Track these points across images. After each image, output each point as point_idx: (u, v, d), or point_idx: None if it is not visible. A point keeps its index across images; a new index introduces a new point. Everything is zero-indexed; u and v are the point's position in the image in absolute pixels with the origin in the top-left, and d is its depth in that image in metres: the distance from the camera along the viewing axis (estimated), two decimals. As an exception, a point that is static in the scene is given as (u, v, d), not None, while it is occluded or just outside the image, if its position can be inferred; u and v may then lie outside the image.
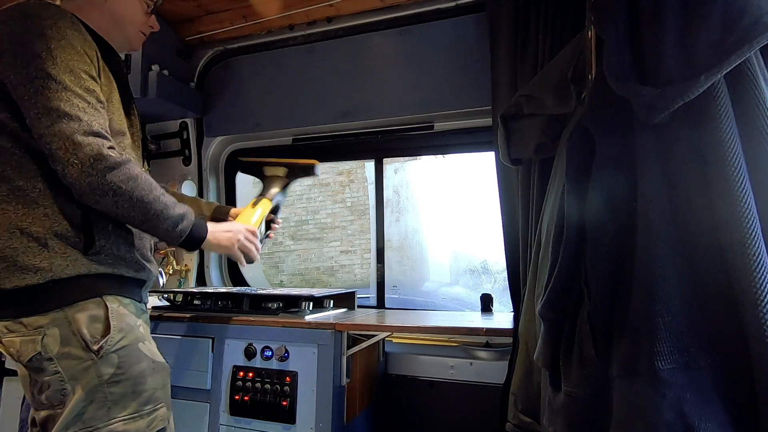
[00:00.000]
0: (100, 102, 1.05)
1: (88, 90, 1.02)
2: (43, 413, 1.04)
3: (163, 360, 1.16)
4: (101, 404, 1.02)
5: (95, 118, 1.01)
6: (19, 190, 1.02)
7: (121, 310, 1.08)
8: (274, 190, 1.59)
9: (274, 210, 1.58)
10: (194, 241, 1.19)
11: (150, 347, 1.13)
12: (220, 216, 1.55)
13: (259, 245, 1.42)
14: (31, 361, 1.01)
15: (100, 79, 1.07)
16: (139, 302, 1.17)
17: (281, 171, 1.62)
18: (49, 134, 0.96)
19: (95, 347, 1.02)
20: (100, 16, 1.16)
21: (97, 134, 0.99)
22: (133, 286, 1.15)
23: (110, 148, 1.00)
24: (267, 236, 1.58)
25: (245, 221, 1.45)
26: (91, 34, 1.09)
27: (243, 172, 1.74)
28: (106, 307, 1.05)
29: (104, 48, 1.13)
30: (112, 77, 1.13)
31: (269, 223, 1.60)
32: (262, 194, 1.57)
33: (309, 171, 1.64)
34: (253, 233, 1.39)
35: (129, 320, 1.09)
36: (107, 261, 1.07)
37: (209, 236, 1.22)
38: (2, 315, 1.03)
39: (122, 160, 1.01)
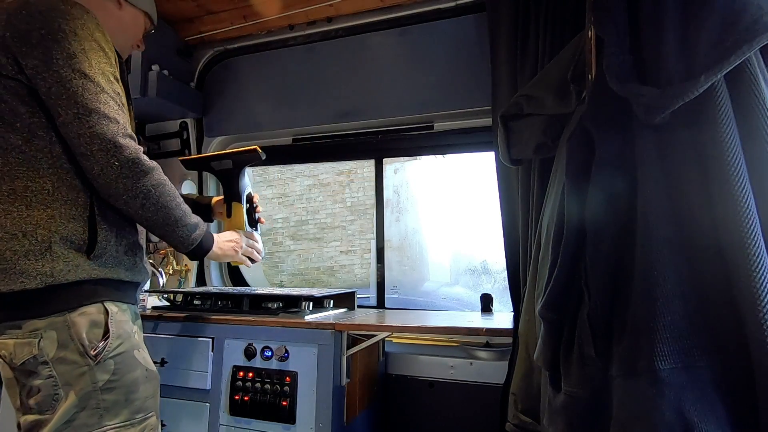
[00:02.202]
0: (123, 105, 1.07)
1: (118, 93, 1.04)
2: (30, 418, 1.02)
3: (155, 368, 1.16)
4: (93, 411, 1.01)
5: (127, 121, 1.04)
6: (25, 190, 1.00)
7: (119, 316, 1.08)
8: (236, 185, 1.56)
9: (249, 199, 1.57)
10: (202, 250, 1.23)
11: (144, 355, 1.13)
12: (203, 203, 1.58)
13: (260, 246, 1.48)
14: (24, 364, 0.99)
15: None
16: (134, 305, 1.17)
17: (228, 163, 1.59)
18: (91, 134, 0.97)
19: (93, 353, 1.01)
20: (108, 20, 1.18)
21: (132, 138, 1.02)
22: (129, 289, 1.15)
23: (144, 152, 1.03)
24: (258, 223, 1.58)
25: (239, 227, 1.49)
26: None
27: (189, 169, 1.67)
28: (107, 312, 1.05)
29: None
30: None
31: (252, 213, 1.58)
32: (229, 194, 1.55)
33: (254, 157, 1.59)
34: (252, 237, 1.45)
35: (126, 327, 1.09)
36: (108, 264, 1.06)
37: (215, 247, 1.27)
38: None
39: (154, 165, 1.05)
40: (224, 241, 1.34)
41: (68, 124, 0.98)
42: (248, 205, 1.56)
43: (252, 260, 1.46)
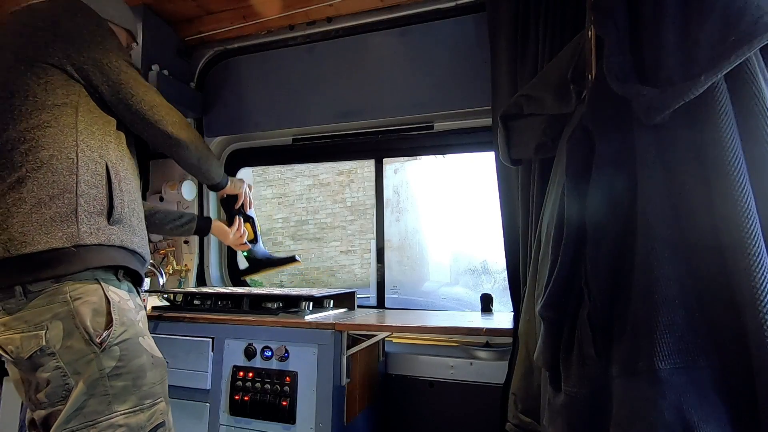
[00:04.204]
0: None
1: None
2: (42, 413, 1.03)
3: (161, 355, 1.19)
4: (102, 398, 1.03)
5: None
6: (50, 159, 1.08)
7: (122, 305, 1.10)
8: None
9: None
10: (225, 180, 1.57)
11: (149, 342, 1.16)
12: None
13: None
14: (31, 357, 1.01)
15: None
16: (138, 295, 1.20)
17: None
18: (155, 105, 1.23)
19: (98, 340, 1.03)
20: None
21: None
22: (139, 263, 1.20)
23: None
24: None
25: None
26: None
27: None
28: (108, 302, 1.07)
29: None
30: None
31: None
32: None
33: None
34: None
35: (130, 315, 1.12)
36: (124, 230, 1.14)
37: (228, 181, 1.59)
38: (15, 282, 1.02)
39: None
40: (231, 178, 1.61)
41: (133, 97, 1.22)
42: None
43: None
